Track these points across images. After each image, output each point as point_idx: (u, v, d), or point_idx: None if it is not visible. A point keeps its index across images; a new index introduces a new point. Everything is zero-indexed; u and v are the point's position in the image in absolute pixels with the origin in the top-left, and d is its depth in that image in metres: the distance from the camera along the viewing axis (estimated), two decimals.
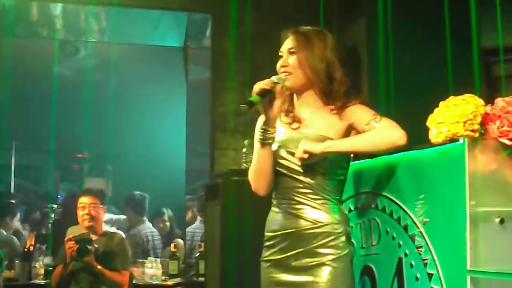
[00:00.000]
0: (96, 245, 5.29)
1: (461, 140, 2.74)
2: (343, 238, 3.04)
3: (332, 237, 3.02)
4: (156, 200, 7.93)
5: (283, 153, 3.11)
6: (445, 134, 2.81)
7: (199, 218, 7.14)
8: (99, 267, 5.25)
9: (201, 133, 6.49)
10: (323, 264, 3.00)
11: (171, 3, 6.45)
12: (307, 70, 3.10)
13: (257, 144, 3.11)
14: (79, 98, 8.87)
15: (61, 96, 8.37)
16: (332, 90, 3.12)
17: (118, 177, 10.84)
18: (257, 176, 3.13)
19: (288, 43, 3.16)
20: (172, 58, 8.31)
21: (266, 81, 3.02)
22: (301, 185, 3.07)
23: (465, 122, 2.77)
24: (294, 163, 3.07)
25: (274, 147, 3.11)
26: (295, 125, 3.17)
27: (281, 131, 3.18)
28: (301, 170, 3.06)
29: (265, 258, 3.15)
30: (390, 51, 4.76)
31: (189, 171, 7.48)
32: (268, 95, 3.02)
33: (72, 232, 5.51)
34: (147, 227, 7.36)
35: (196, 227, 7.02)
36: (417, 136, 2.99)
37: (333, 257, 3.01)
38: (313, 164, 3.03)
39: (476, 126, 2.78)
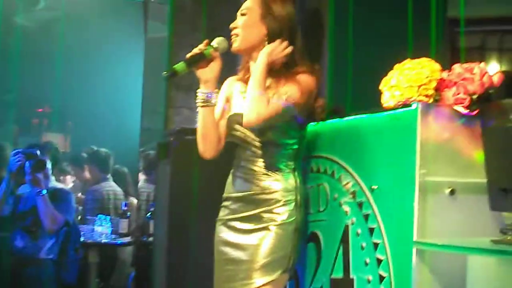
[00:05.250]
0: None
1: (414, 105, 2.64)
2: (291, 206, 3.04)
3: (279, 204, 3.04)
4: None
5: (235, 125, 3.13)
6: (397, 98, 2.71)
7: (144, 177, 7.07)
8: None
9: (158, 91, 6.35)
10: (265, 228, 3.03)
11: None
12: (249, 30, 3.10)
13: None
14: (40, 51, 8.69)
15: (21, 49, 8.18)
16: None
17: (77, 133, 10.69)
18: (201, 138, 3.19)
19: (243, 5, 3.17)
20: (132, 12, 8.14)
21: (200, 45, 3.04)
22: (254, 155, 3.10)
23: (419, 87, 2.67)
24: (246, 134, 3.10)
25: (225, 119, 3.18)
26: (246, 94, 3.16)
27: (237, 101, 3.20)
28: (253, 142, 3.09)
29: (218, 218, 3.22)
30: (350, 15, 4.65)
31: (144, 130, 7.37)
32: (201, 60, 3.02)
33: None
34: (109, 185, 7.17)
35: (149, 186, 6.91)
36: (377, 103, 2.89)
37: (276, 223, 3.02)
38: (264, 135, 3.05)
39: (431, 92, 2.68)
